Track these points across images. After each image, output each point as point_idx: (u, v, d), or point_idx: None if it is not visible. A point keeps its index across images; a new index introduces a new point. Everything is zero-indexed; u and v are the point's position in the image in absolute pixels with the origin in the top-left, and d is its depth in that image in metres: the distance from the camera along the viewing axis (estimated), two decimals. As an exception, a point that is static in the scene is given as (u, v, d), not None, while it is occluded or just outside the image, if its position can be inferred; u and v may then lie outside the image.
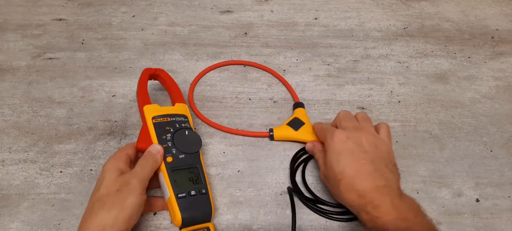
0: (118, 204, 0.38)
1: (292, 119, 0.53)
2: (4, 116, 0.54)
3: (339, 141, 0.42)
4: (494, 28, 0.69)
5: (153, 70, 0.52)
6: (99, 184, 0.41)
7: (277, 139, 0.52)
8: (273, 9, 0.71)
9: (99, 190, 0.40)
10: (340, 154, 0.42)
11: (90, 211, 0.38)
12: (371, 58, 0.63)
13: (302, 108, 0.54)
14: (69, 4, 0.70)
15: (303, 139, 0.51)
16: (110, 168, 0.41)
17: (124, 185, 0.39)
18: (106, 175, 0.41)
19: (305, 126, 0.52)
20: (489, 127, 0.55)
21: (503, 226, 0.45)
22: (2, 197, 0.46)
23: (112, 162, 0.42)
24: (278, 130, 0.52)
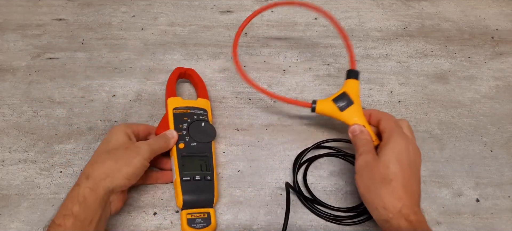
0: (125, 159, 0.40)
1: (341, 93, 0.46)
2: (4, 115, 0.54)
3: (405, 143, 0.40)
4: (494, 28, 0.69)
5: (184, 70, 0.56)
6: (107, 140, 0.43)
7: (319, 113, 0.47)
8: (273, 9, 0.71)
9: (108, 144, 0.42)
10: (402, 156, 0.39)
11: (96, 159, 0.41)
12: (371, 58, 0.63)
13: (356, 79, 0.47)
14: (69, 4, 0.70)
15: (347, 121, 0.45)
16: (119, 130, 0.44)
17: (134, 146, 0.42)
18: (116, 135, 0.43)
19: (353, 106, 0.45)
20: (489, 127, 0.55)
21: (503, 226, 0.45)
22: (2, 197, 0.46)
23: (123, 126, 0.44)
24: (322, 104, 0.46)
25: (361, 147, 0.42)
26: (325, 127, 0.54)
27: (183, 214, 0.43)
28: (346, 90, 0.46)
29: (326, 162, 0.50)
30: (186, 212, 0.43)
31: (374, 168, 0.39)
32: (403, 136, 0.41)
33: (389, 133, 0.42)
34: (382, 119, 0.44)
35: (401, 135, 0.41)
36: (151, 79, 0.59)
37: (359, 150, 0.42)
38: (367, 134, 0.44)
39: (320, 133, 0.53)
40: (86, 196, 0.37)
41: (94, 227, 0.37)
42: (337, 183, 0.48)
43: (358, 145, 0.43)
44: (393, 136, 0.41)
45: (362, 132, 0.44)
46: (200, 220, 0.43)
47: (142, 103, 0.56)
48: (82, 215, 0.36)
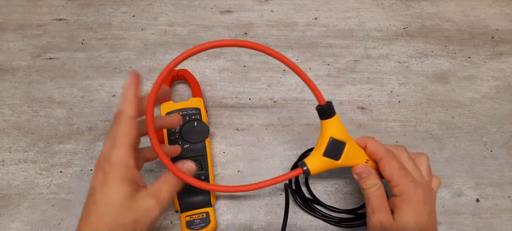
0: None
1: (328, 142, 0.37)
2: (4, 115, 0.54)
3: (422, 198, 0.36)
4: (494, 28, 0.69)
5: (176, 72, 0.56)
6: (105, 201, 0.31)
7: (315, 173, 0.39)
8: (273, 9, 0.71)
9: (109, 215, 0.31)
10: (420, 215, 0.35)
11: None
12: (371, 58, 0.63)
13: (334, 116, 0.38)
14: (69, 4, 0.70)
15: (350, 164, 0.39)
16: (118, 177, 0.32)
17: (144, 216, 0.32)
18: (117, 191, 0.31)
19: (347, 146, 0.38)
20: (489, 127, 0.55)
21: (503, 226, 0.45)
22: (2, 197, 0.46)
23: (119, 166, 0.32)
24: (314, 163, 0.38)
25: (373, 200, 0.37)
26: (325, 127, 0.54)
27: (182, 217, 0.43)
28: (330, 134, 0.38)
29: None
30: (185, 214, 0.43)
31: (392, 227, 0.36)
32: (417, 189, 0.36)
33: (401, 189, 0.36)
34: (385, 162, 0.37)
35: (415, 189, 0.36)
36: (151, 79, 0.59)
37: (371, 204, 0.37)
38: (375, 176, 0.38)
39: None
40: None
41: None
42: (337, 183, 0.48)
43: (369, 195, 0.38)
44: (408, 193, 0.36)
45: (370, 174, 0.38)
46: (199, 221, 0.43)
47: (142, 103, 0.56)
48: None
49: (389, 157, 0.37)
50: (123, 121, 0.33)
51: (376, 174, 0.38)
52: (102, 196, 0.32)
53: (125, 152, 0.33)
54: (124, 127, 0.33)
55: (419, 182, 0.37)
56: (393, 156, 0.37)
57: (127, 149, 0.33)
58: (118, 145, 0.32)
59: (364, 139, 0.39)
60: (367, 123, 0.55)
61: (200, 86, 0.55)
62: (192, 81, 0.55)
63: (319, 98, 0.37)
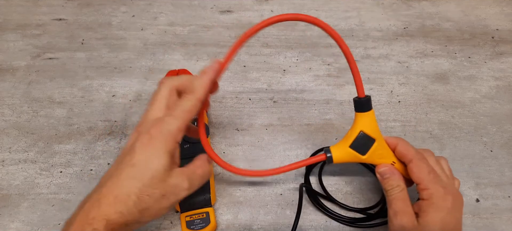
0: (152, 211, 0.31)
1: (357, 134, 0.37)
2: (4, 115, 0.54)
3: (451, 203, 0.35)
4: (495, 28, 0.69)
5: (176, 72, 0.56)
6: (143, 167, 0.31)
7: (338, 162, 0.39)
8: (273, 9, 0.71)
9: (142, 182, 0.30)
10: (447, 223, 0.34)
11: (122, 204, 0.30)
12: (371, 58, 0.63)
13: (369, 111, 0.37)
14: (69, 4, 0.70)
15: (373, 162, 0.38)
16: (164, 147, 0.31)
17: (173, 193, 0.32)
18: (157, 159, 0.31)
19: (376, 143, 0.37)
20: (489, 127, 0.55)
21: (503, 226, 0.45)
22: (2, 197, 0.46)
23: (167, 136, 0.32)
24: (338, 151, 0.38)
25: (395, 202, 0.36)
26: (325, 126, 0.54)
27: (182, 217, 0.43)
28: (362, 128, 0.37)
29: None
30: (185, 214, 0.43)
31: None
32: (447, 194, 0.35)
33: (430, 192, 0.35)
34: (414, 165, 0.36)
35: (444, 195, 0.35)
36: (151, 79, 0.59)
37: (393, 206, 0.36)
38: (398, 177, 0.37)
39: (320, 133, 0.53)
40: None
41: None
42: (337, 183, 0.48)
43: (391, 197, 0.36)
44: (437, 197, 0.34)
45: (393, 174, 0.37)
46: (199, 221, 0.43)
47: (142, 103, 0.56)
48: None
49: (419, 159, 0.36)
50: (192, 98, 0.34)
51: (400, 175, 0.37)
52: (141, 159, 0.31)
53: (180, 126, 0.32)
54: (190, 103, 0.33)
55: (449, 188, 0.36)
56: (423, 158, 0.37)
57: (182, 124, 0.32)
58: (177, 117, 0.32)
59: (395, 139, 0.38)
60: (367, 123, 0.54)
61: None
62: None
63: (360, 90, 0.37)
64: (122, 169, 0.31)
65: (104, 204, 0.30)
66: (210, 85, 0.35)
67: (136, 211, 0.30)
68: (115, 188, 0.31)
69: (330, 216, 0.45)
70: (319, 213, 0.46)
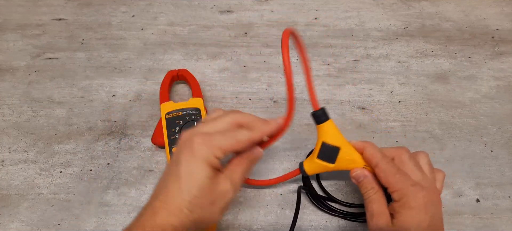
0: (206, 220, 0.33)
1: (320, 146, 0.39)
2: (4, 116, 0.54)
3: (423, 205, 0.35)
4: (495, 28, 0.69)
5: (176, 72, 0.56)
6: (188, 179, 0.32)
7: (311, 174, 0.42)
8: (273, 9, 0.71)
9: (189, 193, 0.32)
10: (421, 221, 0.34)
11: (175, 218, 0.31)
12: (371, 58, 0.63)
13: (327, 121, 0.39)
14: (68, 4, 0.70)
15: (346, 168, 0.40)
16: (205, 160, 0.32)
17: (220, 198, 0.33)
18: (200, 170, 0.32)
19: (342, 150, 0.39)
20: (489, 127, 0.55)
21: (503, 226, 0.45)
22: (2, 197, 0.46)
23: (209, 151, 0.32)
24: (310, 165, 0.41)
25: (371, 204, 0.37)
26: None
27: None
28: (323, 139, 0.39)
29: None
30: None
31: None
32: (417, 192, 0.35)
33: (400, 193, 0.35)
34: (380, 169, 0.37)
35: (415, 193, 0.35)
36: (151, 79, 0.59)
37: (369, 208, 0.37)
38: (371, 179, 0.38)
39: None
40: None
41: None
42: (337, 183, 0.48)
43: (367, 199, 0.38)
44: (407, 197, 0.35)
45: (365, 177, 0.38)
46: None
47: (142, 103, 0.56)
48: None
49: (384, 163, 0.37)
50: (247, 134, 0.35)
51: (373, 177, 0.38)
52: (186, 171, 0.32)
53: (224, 146, 0.33)
54: (244, 136, 0.34)
55: (420, 185, 0.35)
56: (388, 161, 0.37)
57: (228, 145, 0.33)
58: (226, 138, 0.33)
59: (362, 143, 0.39)
60: (367, 123, 0.54)
61: (200, 86, 0.55)
62: (192, 81, 0.55)
63: (314, 104, 0.39)
64: (170, 182, 0.33)
65: (158, 216, 0.31)
66: (268, 135, 0.36)
67: (189, 222, 0.32)
68: (166, 201, 0.32)
69: (333, 214, 0.45)
70: (319, 213, 0.46)
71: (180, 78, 0.57)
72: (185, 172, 0.32)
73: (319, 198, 0.46)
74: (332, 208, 0.45)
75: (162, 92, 0.53)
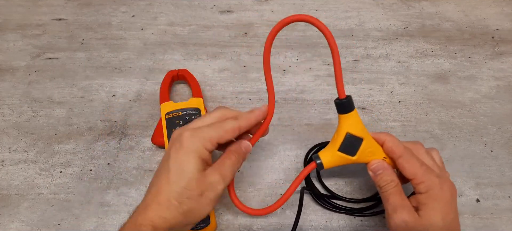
0: (196, 212, 0.33)
1: (344, 137, 0.37)
2: (4, 115, 0.54)
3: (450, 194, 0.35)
4: (495, 28, 0.69)
5: (176, 72, 0.56)
6: (178, 171, 0.33)
7: (329, 168, 0.39)
8: (273, 9, 0.71)
9: (178, 184, 0.33)
10: (447, 213, 0.34)
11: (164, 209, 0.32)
12: (371, 58, 0.63)
13: (352, 111, 0.37)
14: (68, 4, 0.70)
15: (366, 161, 0.38)
16: (195, 152, 0.33)
17: (209, 189, 0.34)
18: (190, 162, 0.33)
19: (365, 143, 0.37)
20: (489, 127, 0.55)
21: (503, 226, 0.45)
22: (2, 197, 0.46)
23: (198, 143, 0.34)
24: (328, 157, 0.38)
25: (392, 197, 0.36)
26: (325, 126, 0.54)
27: None
28: (347, 129, 0.37)
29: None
30: None
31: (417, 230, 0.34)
32: (443, 184, 0.35)
33: (427, 185, 0.35)
34: (404, 160, 0.36)
35: (441, 185, 0.35)
36: (151, 79, 0.59)
37: (391, 202, 0.35)
38: (391, 172, 0.37)
39: (320, 133, 0.53)
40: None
41: None
42: (337, 183, 0.48)
43: (387, 192, 0.36)
44: (434, 189, 0.34)
45: (385, 169, 0.37)
46: None
47: (142, 103, 0.56)
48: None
49: (407, 154, 0.36)
50: (233, 122, 0.36)
51: (392, 170, 0.37)
52: (175, 164, 0.33)
53: (213, 136, 0.35)
54: (230, 125, 0.36)
55: (443, 178, 0.36)
56: (411, 152, 0.37)
57: (216, 135, 0.35)
58: (214, 129, 0.35)
59: (382, 134, 0.38)
60: (367, 123, 0.54)
61: (200, 86, 0.55)
62: (192, 81, 0.55)
63: (340, 91, 0.37)
64: (160, 176, 0.34)
65: (149, 210, 0.33)
66: (254, 123, 0.38)
67: (179, 214, 0.33)
68: (157, 195, 0.33)
69: (339, 212, 0.45)
70: (319, 213, 0.46)
71: (180, 78, 0.57)
72: (174, 165, 0.33)
73: (323, 197, 0.46)
74: (337, 206, 0.46)
75: (162, 92, 0.53)
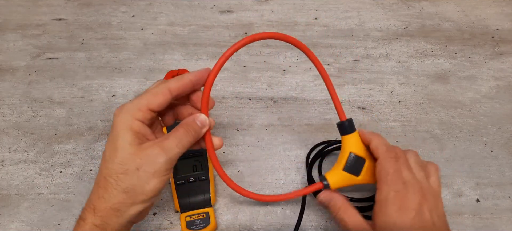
0: (137, 189, 0.31)
1: (348, 157, 0.38)
2: (4, 115, 0.54)
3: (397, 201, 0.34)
4: (495, 28, 0.69)
5: (176, 72, 0.56)
6: (111, 148, 0.32)
7: (335, 188, 0.39)
8: (273, 9, 0.71)
9: (112, 161, 0.31)
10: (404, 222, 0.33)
11: (102, 188, 0.32)
12: (371, 58, 0.63)
13: (354, 132, 0.38)
14: (68, 4, 0.70)
15: (370, 181, 0.39)
16: (124, 125, 0.32)
17: (147, 163, 0.32)
18: (120, 136, 0.32)
19: (367, 163, 0.38)
20: (489, 127, 0.55)
21: (503, 226, 0.45)
22: (2, 197, 0.46)
23: (127, 115, 0.32)
24: (334, 177, 0.38)
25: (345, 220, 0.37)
26: (325, 126, 0.54)
27: (182, 217, 0.43)
28: (351, 150, 0.38)
29: (326, 162, 0.50)
30: (185, 214, 0.44)
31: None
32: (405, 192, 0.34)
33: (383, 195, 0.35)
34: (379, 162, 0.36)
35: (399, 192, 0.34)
36: (151, 79, 0.59)
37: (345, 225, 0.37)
38: (338, 198, 0.38)
39: (320, 133, 0.53)
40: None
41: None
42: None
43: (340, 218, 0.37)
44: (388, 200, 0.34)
45: (332, 199, 0.38)
46: (198, 221, 0.43)
47: (142, 103, 0.56)
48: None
49: (386, 159, 0.36)
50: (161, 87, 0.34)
51: (335, 193, 0.38)
52: (109, 143, 0.33)
53: (140, 105, 0.33)
54: (157, 89, 0.34)
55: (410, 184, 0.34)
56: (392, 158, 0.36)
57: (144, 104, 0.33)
58: (141, 97, 0.33)
59: (369, 135, 0.38)
60: (367, 123, 0.54)
61: None
62: None
63: (341, 115, 0.39)
64: (102, 160, 0.33)
65: (91, 195, 0.33)
66: (188, 85, 0.35)
67: (118, 192, 0.31)
68: (97, 177, 0.33)
69: None
70: (319, 213, 0.46)
71: None
72: (108, 144, 0.33)
73: None
74: None
75: None
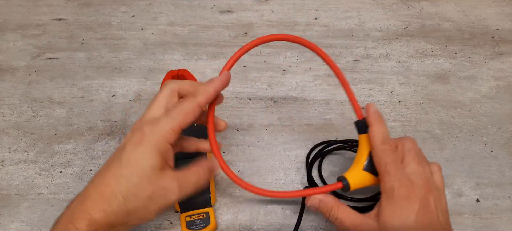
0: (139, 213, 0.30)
1: (368, 156, 0.37)
2: (4, 115, 0.54)
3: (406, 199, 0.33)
4: (495, 28, 0.69)
5: (176, 72, 0.55)
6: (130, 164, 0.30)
7: (355, 188, 0.37)
8: (273, 9, 0.71)
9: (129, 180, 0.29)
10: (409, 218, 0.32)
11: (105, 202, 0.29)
12: (371, 58, 0.63)
13: None
14: (68, 4, 0.70)
15: None
16: (155, 146, 0.30)
17: (161, 196, 0.31)
18: (146, 157, 0.30)
19: None
20: (489, 127, 0.55)
21: (503, 226, 0.45)
22: (2, 197, 0.46)
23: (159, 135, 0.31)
24: (354, 177, 0.37)
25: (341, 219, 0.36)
26: (325, 126, 0.54)
27: (182, 217, 0.43)
28: (370, 148, 0.37)
29: (326, 162, 0.50)
30: (185, 214, 0.44)
31: None
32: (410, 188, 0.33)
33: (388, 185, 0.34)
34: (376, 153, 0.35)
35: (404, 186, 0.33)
36: (151, 79, 0.59)
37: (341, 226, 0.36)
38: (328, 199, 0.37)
39: (320, 133, 0.53)
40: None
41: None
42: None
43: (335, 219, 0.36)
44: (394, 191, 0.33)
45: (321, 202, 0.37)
46: (198, 221, 0.43)
47: (142, 103, 0.56)
48: None
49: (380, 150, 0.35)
50: (192, 101, 0.33)
51: (327, 195, 0.37)
52: (130, 158, 0.30)
53: (174, 126, 0.31)
54: (188, 105, 0.32)
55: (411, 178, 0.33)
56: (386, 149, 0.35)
57: (177, 125, 0.31)
58: (173, 117, 0.31)
59: (371, 118, 0.37)
60: (367, 123, 0.54)
61: None
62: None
63: (358, 113, 0.38)
64: (110, 167, 0.31)
65: (88, 201, 0.29)
66: (214, 95, 0.35)
67: (121, 211, 0.29)
68: (101, 185, 0.30)
69: None
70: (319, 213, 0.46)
71: (180, 78, 0.57)
72: (127, 158, 0.30)
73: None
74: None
75: None
